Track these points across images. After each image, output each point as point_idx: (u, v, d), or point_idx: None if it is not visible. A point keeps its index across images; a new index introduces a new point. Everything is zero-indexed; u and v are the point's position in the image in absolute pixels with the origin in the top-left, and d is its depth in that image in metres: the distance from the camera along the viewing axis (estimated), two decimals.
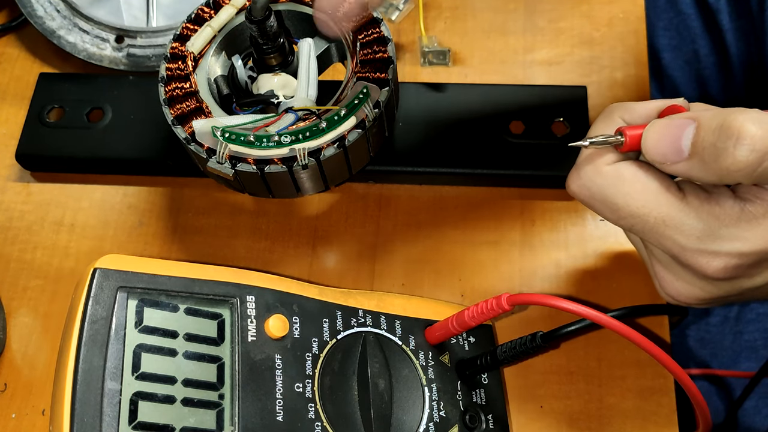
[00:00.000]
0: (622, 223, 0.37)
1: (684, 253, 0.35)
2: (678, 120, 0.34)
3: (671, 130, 0.34)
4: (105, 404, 0.36)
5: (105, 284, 0.38)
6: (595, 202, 0.37)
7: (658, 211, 0.35)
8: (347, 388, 0.41)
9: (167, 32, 0.57)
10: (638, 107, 0.38)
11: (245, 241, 0.51)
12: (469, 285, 0.49)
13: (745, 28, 0.67)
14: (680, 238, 0.35)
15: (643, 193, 0.35)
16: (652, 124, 0.35)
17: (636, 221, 0.36)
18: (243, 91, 0.49)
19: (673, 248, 0.36)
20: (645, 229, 0.36)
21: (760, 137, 0.32)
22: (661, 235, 0.36)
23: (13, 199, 0.54)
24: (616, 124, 0.37)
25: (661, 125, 0.35)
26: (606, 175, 0.36)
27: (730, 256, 0.35)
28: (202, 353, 0.39)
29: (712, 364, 0.67)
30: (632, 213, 0.36)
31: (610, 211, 0.37)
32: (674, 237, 0.35)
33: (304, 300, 0.42)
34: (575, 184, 0.38)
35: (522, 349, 0.42)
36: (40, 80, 0.56)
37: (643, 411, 0.45)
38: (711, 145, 0.33)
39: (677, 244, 0.35)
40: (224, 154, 0.44)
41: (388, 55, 0.46)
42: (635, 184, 0.36)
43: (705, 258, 0.35)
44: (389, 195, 0.52)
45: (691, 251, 0.35)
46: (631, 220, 0.36)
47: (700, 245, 0.35)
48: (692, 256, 0.35)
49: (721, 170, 0.33)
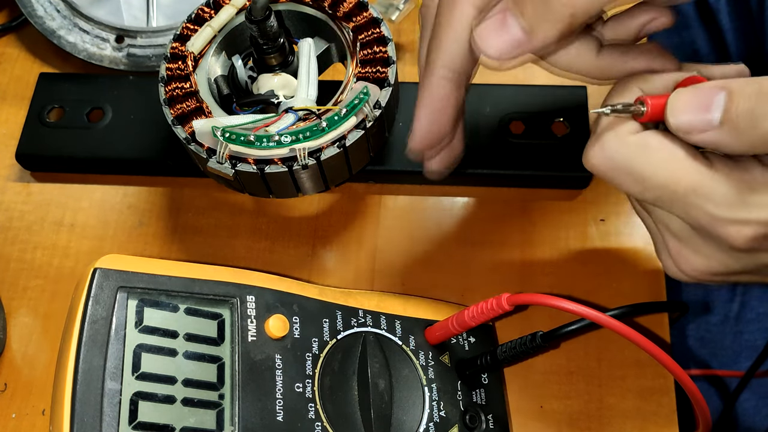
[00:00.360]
0: (648, 194, 0.35)
1: (714, 222, 0.34)
2: (706, 88, 0.33)
3: (699, 98, 0.33)
4: (105, 404, 0.36)
5: (105, 284, 0.38)
6: (620, 173, 0.35)
7: (688, 179, 0.34)
8: (347, 388, 0.41)
9: (167, 32, 0.57)
10: (656, 78, 0.37)
11: (245, 241, 0.51)
12: (469, 285, 0.49)
13: (745, 28, 0.67)
14: (711, 207, 0.34)
15: (672, 161, 0.34)
16: (678, 92, 0.34)
17: (664, 192, 0.34)
18: (243, 91, 0.49)
19: (702, 218, 0.34)
20: (674, 199, 0.34)
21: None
22: (690, 205, 0.34)
23: (13, 199, 0.54)
24: (634, 94, 0.36)
25: (688, 93, 0.34)
26: (631, 145, 0.35)
27: (760, 225, 0.33)
28: (202, 353, 0.39)
29: (712, 363, 0.67)
30: (661, 183, 0.34)
31: (637, 182, 0.35)
32: (705, 206, 0.34)
33: (304, 300, 0.42)
34: (598, 156, 0.36)
35: (522, 349, 0.42)
36: (40, 80, 0.56)
37: (643, 411, 0.45)
38: (748, 111, 0.32)
39: (707, 214, 0.34)
40: (224, 154, 0.44)
41: (388, 55, 0.46)
42: (662, 153, 0.34)
43: (735, 227, 0.34)
44: (389, 195, 0.52)
45: (722, 220, 0.34)
46: (658, 191, 0.35)
47: (731, 214, 0.33)
48: (722, 225, 0.34)
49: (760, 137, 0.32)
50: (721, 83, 0.33)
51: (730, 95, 0.32)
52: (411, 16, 0.58)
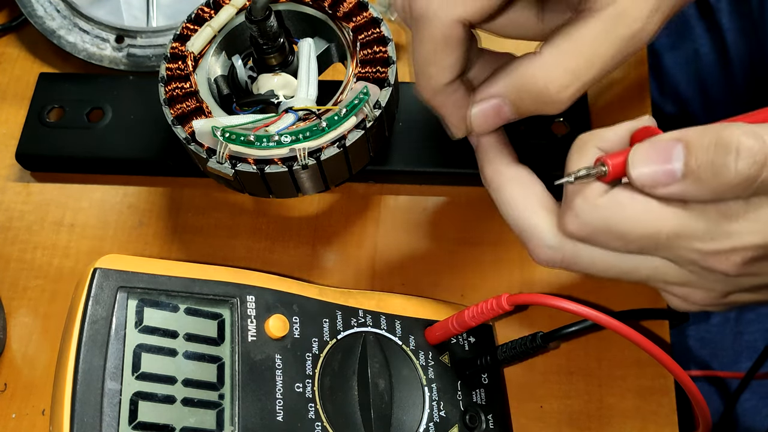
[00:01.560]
0: (631, 247, 0.36)
1: (704, 258, 0.35)
2: (662, 142, 0.34)
3: (658, 154, 0.34)
4: (105, 404, 0.36)
5: (105, 284, 0.38)
6: (600, 235, 0.36)
7: (668, 226, 0.34)
8: (347, 388, 0.41)
9: (167, 32, 0.57)
10: (608, 133, 0.37)
11: (245, 241, 0.51)
12: (469, 285, 0.49)
13: (745, 27, 0.67)
14: (697, 244, 0.34)
15: (648, 213, 0.35)
16: (636, 150, 0.34)
17: (648, 242, 0.35)
18: (243, 91, 0.49)
19: (692, 256, 0.35)
20: (658, 246, 0.35)
21: (759, 149, 0.31)
22: (677, 248, 0.35)
23: (13, 199, 0.54)
24: (593, 155, 0.36)
25: (646, 149, 0.34)
26: (603, 207, 0.35)
27: (746, 250, 0.34)
28: (202, 353, 0.39)
29: (713, 364, 0.67)
30: (642, 235, 0.35)
31: (618, 239, 0.36)
32: (691, 245, 0.34)
33: (304, 300, 0.42)
34: (574, 224, 0.36)
35: (522, 349, 0.42)
36: (40, 80, 0.56)
37: (643, 411, 0.45)
38: (708, 162, 0.32)
39: (695, 251, 0.34)
40: (224, 154, 0.44)
41: (388, 55, 0.46)
42: (636, 207, 0.35)
43: (724, 256, 0.34)
44: (389, 195, 0.52)
45: (710, 254, 0.34)
46: (641, 242, 0.35)
47: (717, 245, 0.34)
48: (711, 258, 0.34)
49: (720, 186, 0.32)
50: (677, 134, 0.34)
51: (688, 147, 0.33)
52: None
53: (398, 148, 0.51)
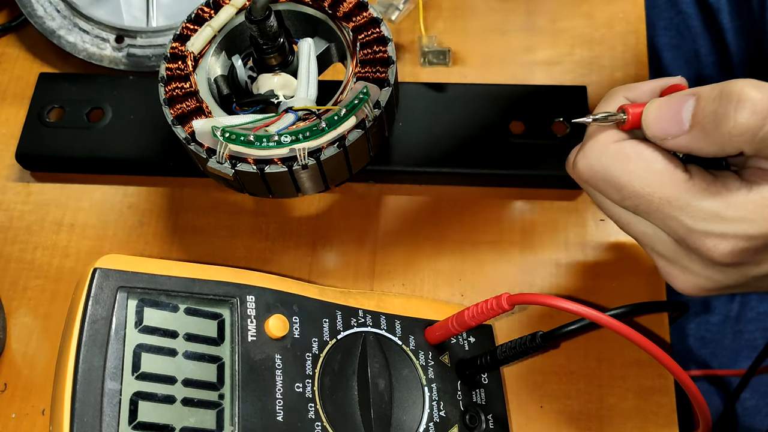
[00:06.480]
0: (626, 203, 0.36)
1: (691, 234, 0.35)
2: (677, 95, 0.35)
3: (671, 105, 0.35)
4: (105, 404, 0.36)
5: (105, 284, 0.38)
6: (599, 181, 0.37)
7: (663, 191, 0.35)
8: (347, 388, 0.41)
9: (167, 32, 0.57)
10: (641, 86, 0.38)
11: (245, 241, 0.51)
12: (469, 285, 0.49)
13: (745, 27, 0.67)
14: (686, 219, 0.34)
15: (647, 172, 0.35)
16: (652, 102, 0.36)
17: (640, 201, 0.35)
18: (243, 91, 0.49)
19: (679, 229, 0.35)
20: (650, 209, 0.35)
21: (759, 99, 0.32)
22: (666, 216, 0.35)
23: (13, 199, 0.54)
24: (619, 103, 0.37)
25: (661, 101, 0.35)
26: (610, 154, 0.36)
27: (737, 239, 0.34)
28: (202, 353, 0.39)
29: (713, 363, 0.67)
30: (636, 192, 0.35)
31: (614, 190, 0.36)
32: (680, 217, 0.35)
33: (304, 300, 0.42)
34: (581, 163, 0.37)
35: (522, 349, 0.42)
36: (40, 80, 0.56)
37: (643, 411, 0.45)
38: (712, 112, 0.33)
39: (683, 225, 0.35)
40: (224, 154, 0.44)
41: (388, 55, 0.46)
42: (639, 163, 0.35)
43: (712, 241, 0.34)
44: (389, 195, 0.52)
45: (698, 233, 0.34)
46: (635, 200, 0.36)
47: (706, 227, 0.34)
48: (699, 238, 0.34)
49: (722, 137, 0.33)
50: (692, 90, 0.34)
51: (698, 99, 0.34)
52: (411, 16, 0.58)
53: (398, 148, 0.51)
